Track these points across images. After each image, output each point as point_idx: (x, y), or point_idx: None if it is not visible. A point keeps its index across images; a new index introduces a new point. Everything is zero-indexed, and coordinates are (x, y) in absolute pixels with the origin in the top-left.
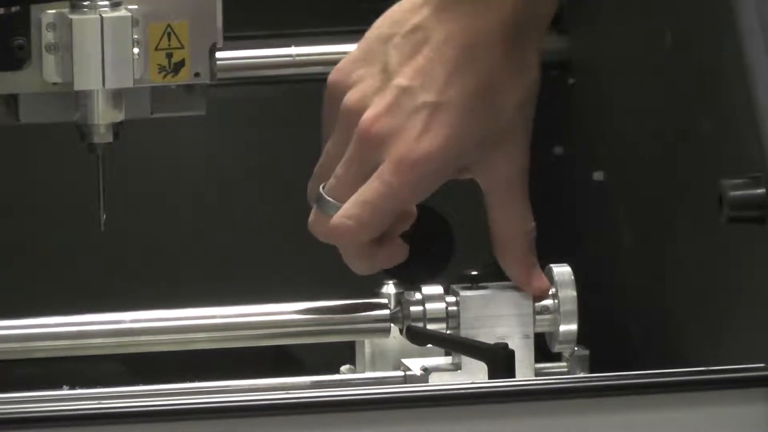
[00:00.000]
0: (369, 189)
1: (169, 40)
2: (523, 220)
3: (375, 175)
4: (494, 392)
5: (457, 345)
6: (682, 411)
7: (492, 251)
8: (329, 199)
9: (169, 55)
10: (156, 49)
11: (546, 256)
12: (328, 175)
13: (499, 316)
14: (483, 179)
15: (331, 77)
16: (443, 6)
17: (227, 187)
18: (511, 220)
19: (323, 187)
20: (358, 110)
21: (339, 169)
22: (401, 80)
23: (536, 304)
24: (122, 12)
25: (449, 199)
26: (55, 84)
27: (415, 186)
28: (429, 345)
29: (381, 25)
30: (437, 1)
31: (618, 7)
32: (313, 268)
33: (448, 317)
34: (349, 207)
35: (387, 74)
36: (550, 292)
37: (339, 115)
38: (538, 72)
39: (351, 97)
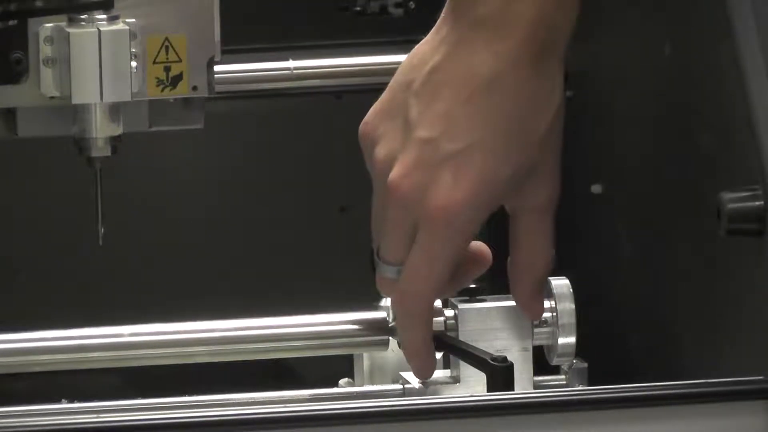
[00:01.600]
0: (415, 259)
1: (166, 53)
2: (544, 250)
3: (416, 241)
4: (493, 405)
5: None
6: (681, 423)
7: (507, 270)
8: (384, 264)
9: (167, 69)
10: (154, 62)
11: None
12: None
13: (497, 329)
14: (512, 206)
15: (360, 130)
16: (460, 39)
17: (225, 200)
18: (533, 249)
19: (377, 250)
20: (386, 169)
21: (384, 232)
22: (422, 132)
23: None
24: (120, 25)
25: None
26: (52, 98)
27: (454, 239)
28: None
29: (402, 70)
30: (455, 35)
31: (615, 20)
32: (312, 282)
33: (447, 330)
34: (404, 283)
35: (409, 126)
36: (548, 305)
37: (372, 173)
38: (564, 90)
39: (378, 155)
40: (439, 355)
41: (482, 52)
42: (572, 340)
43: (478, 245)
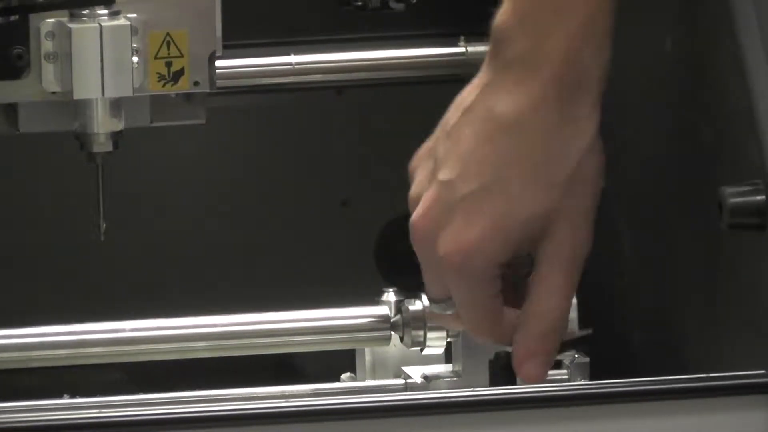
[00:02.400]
0: (456, 301)
1: (168, 48)
2: (553, 302)
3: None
4: (495, 400)
5: None
6: (682, 418)
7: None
8: (431, 304)
9: (169, 64)
10: (155, 57)
11: None
12: None
13: None
14: (534, 252)
15: (409, 167)
16: (491, 80)
17: (227, 194)
18: (541, 300)
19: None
20: (414, 207)
21: (422, 270)
22: (443, 174)
23: None
24: (121, 21)
25: None
26: (54, 93)
27: (473, 282)
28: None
29: (449, 110)
30: (488, 76)
31: (617, 15)
32: (314, 276)
33: None
34: (464, 324)
35: (436, 167)
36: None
37: None
38: (597, 131)
39: (411, 193)
40: (441, 350)
41: (507, 93)
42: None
43: None
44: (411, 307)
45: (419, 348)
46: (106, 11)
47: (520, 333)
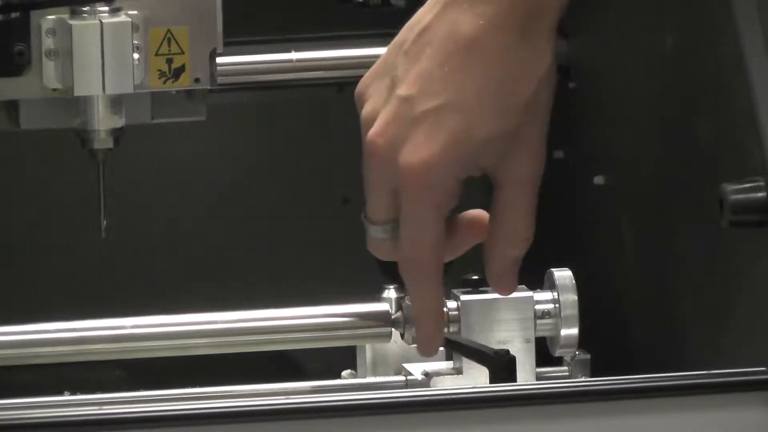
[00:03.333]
0: (403, 222)
1: (169, 45)
2: (523, 224)
3: (400, 203)
4: (495, 397)
5: (462, 348)
6: (683, 415)
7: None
8: (370, 225)
9: (169, 61)
10: (156, 54)
11: (547, 260)
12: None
13: (500, 320)
14: (493, 175)
15: (355, 91)
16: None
17: (227, 191)
18: (511, 222)
19: (364, 213)
20: (369, 127)
21: (368, 191)
22: (402, 90)
23: (537, 308)
24: (122, 17)
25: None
26: (55, 90)
27: (431, 198)
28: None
29: (401, 32)
30: None
31: (619, 11)
32: (314, 273)
33: (450, 321)
34: (403, 250)
35: (393, 85)
36: (551, 296)
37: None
38: (552, 60)
39: (364, 113)
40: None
41: (467, 13)
42: (575, 331)
43: (475, 212)
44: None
45: None
46: (107, 8)
47: (492, 254)
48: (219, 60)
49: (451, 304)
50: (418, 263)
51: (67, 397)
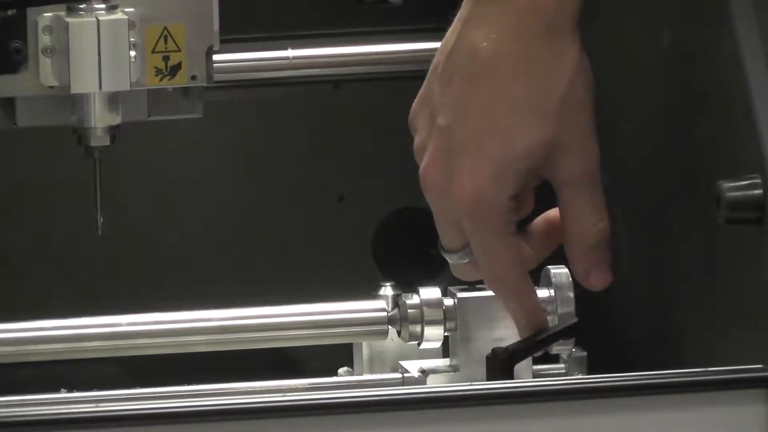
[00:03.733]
0: (474, 249)
1: (165, 42)
2: (590, 219)
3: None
4: (492, 394)
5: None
6: (680, 412)
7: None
8: (446, 253)
9: (166, 58)
10: (152, 51)
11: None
12: None
13: (496, 318)
14: (551, 180)
15: (408, 120)
16: (468, 16)
17: (224, 189)
18: (577, 221)
19: (440, 243)
20: (420, 160)
21: (436, 222)
22: (441, 119)
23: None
24: (119, 15)
25: None
26: (51, 87)
27: (491, 224)
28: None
29: (435, 55)
30: (464, 12)
31: (615, 8)
32: (311, 270)
33: (446, 319)
34: (483, 273)
35: (434, 114)
36: (547, 294)
37: None
38: (580, 55)
39: (415, 146)
40: (438, 345)
41: (482, 29)
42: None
43: (549, 214)
44: (408, 302)
45: (416, 342)
46: (103, 5)
47: (573, 254)
48: (215, 57)
49: (448, 301)
50: (501, 283)
51: (63, 395)
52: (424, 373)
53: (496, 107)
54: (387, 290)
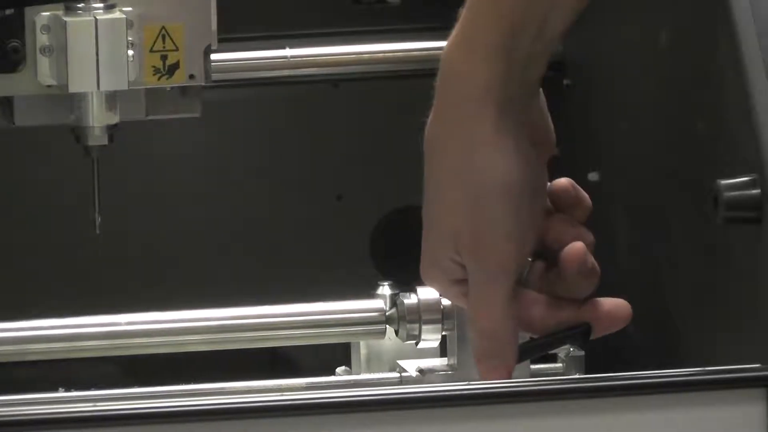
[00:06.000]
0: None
1: (163, 42)
2: (489, 315)
3: None
4: (490, 393)
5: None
6: (679, 411)
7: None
8: None
9: (164, 57)
10: (150, 51)
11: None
12: None
13: None
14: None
15: None
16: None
17: (222, 188)
18: (478, 313)
19: None
20: None
21: None
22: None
23: None
24: (116, 14)
25: None
26: (49, 86)
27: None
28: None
29: None
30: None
31: (613, 8)
32: (309, 270)
33: (444, 318)
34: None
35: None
36: None
37: None
38: (518, 148)
39: None
40: (436, 344)
41: (433, 111)
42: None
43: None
44: (406, 301)
45: (414, 341)
46: (101, 4)
47: (472, 341)
48: (213, 56)
49: (446, 300)
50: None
51: (61, 394)
52: (422, 372)
53: (431, 185)
54: (385, 289)
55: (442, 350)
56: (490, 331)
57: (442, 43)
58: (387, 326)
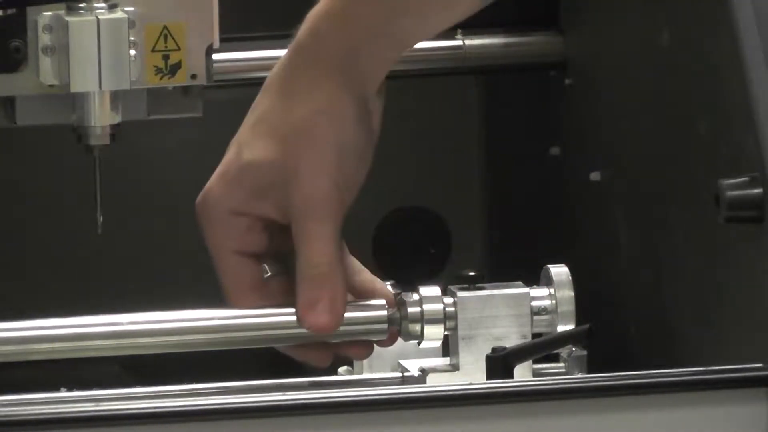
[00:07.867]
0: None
1: (165, 41)
2: (311, 252)
3: None
4: (492, 393)
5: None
6: (680, 411)
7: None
8: None
9: (166, 57)
10: (152, 50)
11: (543, 256)
12: None
13: (496, 316)
14: (286, 210)
15: None
16: None
17: None
18: (301, 252)
19: None
20: None
21: None
22: None
23: (534, 304)
24: (118, 14)
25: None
26: (51, 86)
27: (206, 224)
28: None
29: None
30: None
31: (615, 7)
32: None
33: (446, 318)
34: None
35: None
36: (547, 293)
37: None
38: (334, 103)
39: None
40: (438, 344)
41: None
42: (571, 327)
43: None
44: (408, 300)
45: (416, 341)
46: (103, 4)
47: (297, 288)
48: (215, 56)
49: (448, 300)
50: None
51: (63, 394)
52: (424, 372)
53: (247, 120)
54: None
55: (444, 350)
56: (322, 265)
57: (442, 43)
58: (389, 326)
